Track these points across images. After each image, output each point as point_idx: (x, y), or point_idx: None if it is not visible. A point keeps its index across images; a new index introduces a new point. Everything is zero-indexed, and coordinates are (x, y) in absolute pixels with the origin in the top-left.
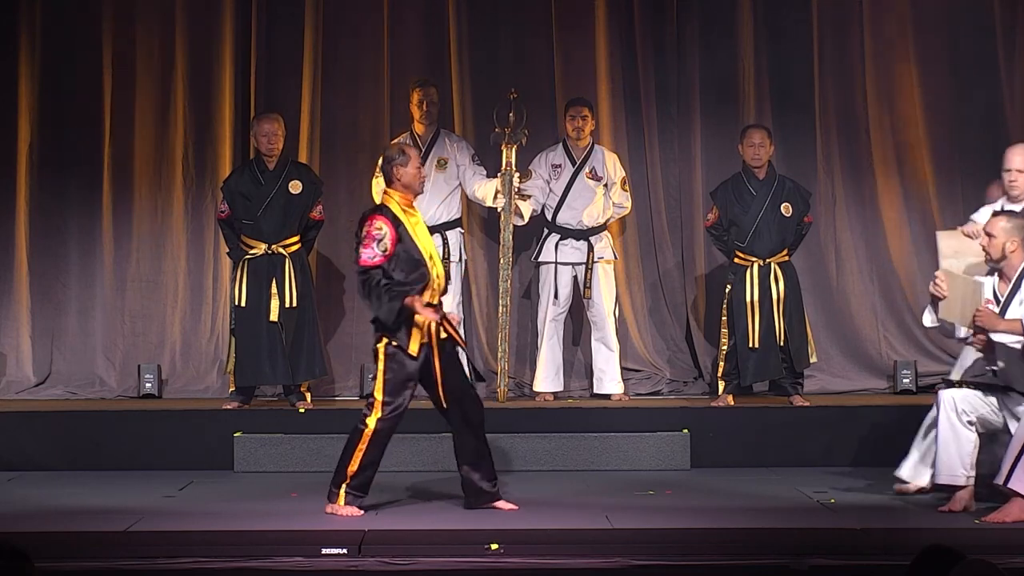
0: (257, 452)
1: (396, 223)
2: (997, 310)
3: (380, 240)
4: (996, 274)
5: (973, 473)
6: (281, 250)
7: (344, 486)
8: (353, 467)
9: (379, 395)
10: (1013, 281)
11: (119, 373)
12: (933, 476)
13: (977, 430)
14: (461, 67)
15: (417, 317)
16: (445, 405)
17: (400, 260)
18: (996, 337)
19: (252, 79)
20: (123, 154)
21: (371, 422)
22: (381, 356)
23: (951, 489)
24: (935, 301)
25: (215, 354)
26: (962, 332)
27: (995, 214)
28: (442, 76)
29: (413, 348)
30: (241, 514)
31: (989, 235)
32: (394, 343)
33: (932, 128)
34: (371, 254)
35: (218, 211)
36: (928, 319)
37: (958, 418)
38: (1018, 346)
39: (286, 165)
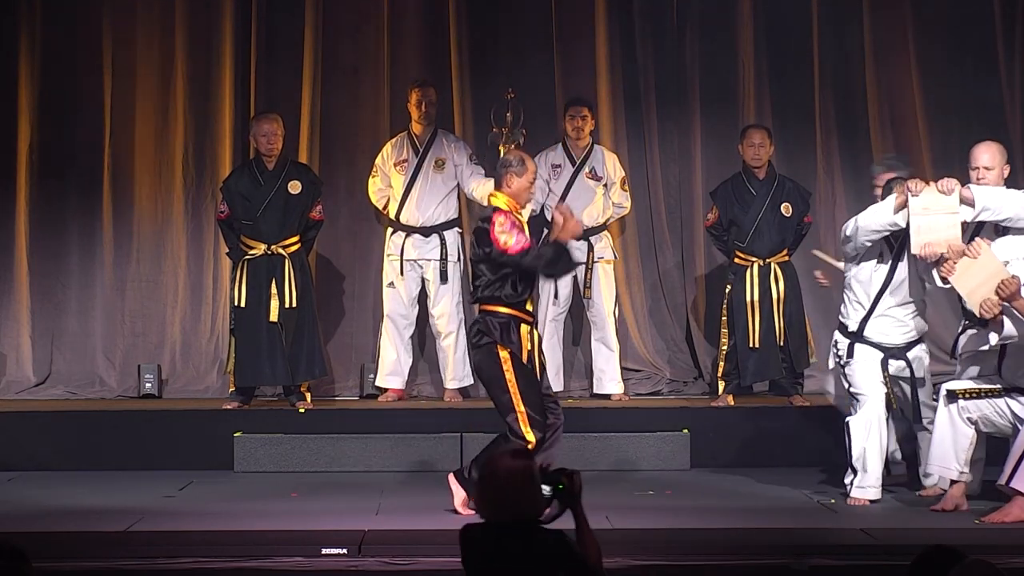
0: (257, 452)
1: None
2: None
3: (516, 226)
4: None
5: (967, 470)
6: (281, 250)
7: None
8: None
9: (521, 407)
10: None
11: (119, 373)
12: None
13: (979, 428)
14: (460, 67)
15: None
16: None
17: None
18: (1008, 314)
19: (252, 79)
20: (123, 154)
21: (530, 436)
22: (507, 361)
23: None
24: (938, 264)
25: (215, 354)
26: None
27: None
28: (441, 76)
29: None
30: (241, 514)
31: None
32: (509, 348)
33: (932, 127)
34: (520, 239)
35: (217, 211)
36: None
37: (959, 414)
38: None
39: (285, 165)
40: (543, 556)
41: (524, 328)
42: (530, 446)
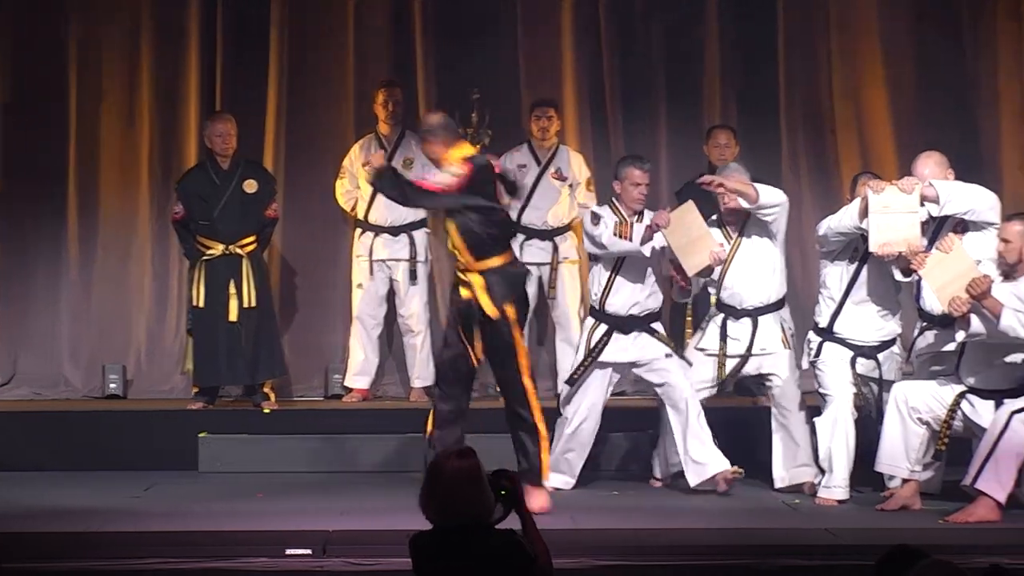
0: (222, 452)
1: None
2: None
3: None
4: (1002, 276)
5: (918, 469)
6: (238, 250)
7: None
8: None
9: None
10: None
11: (84, 373)
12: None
13: (931, 428)
14: (426, 67)
15: None
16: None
17: None
18: (976, 312)
19: (218, 80)
20: (89, 155)
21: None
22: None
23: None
24: (897, 262)
25: (180, 354)
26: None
27: (1009, 218)
28: (407, 77)
29: None
30: (206, 514)
31: (1005, 240)
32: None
33: (899, 126)
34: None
35: (173, 212)
36: (898, 275)
37: (909, 415)
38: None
39: (240, 165)
40: (496, 558)
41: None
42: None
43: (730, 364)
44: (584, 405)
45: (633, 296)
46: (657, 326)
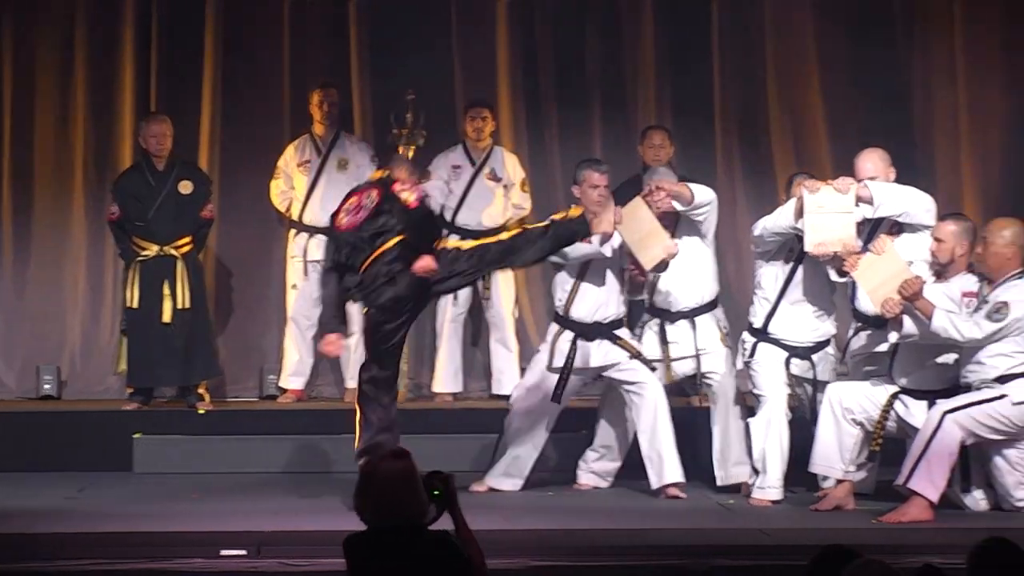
0: (157, 453)
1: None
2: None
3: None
4: (935, 276)
5: (852, 469)
6: (173, 251)
7: None
8: None
9: None
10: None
11: (18, 374)
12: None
13: (864, 429)
14: (361, 68)
15: None
16: None
17: None
18: (909, 313)
19: (153, 80)
20: (23, 157)
21: None
22: None
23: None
24: (832, 262)
25: (115, 355)
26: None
27: (943, 218)
28: (342, 77)
29: None
30: (141, 515)
31: (938, 240)
32: None
33: (833, 128)
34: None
35: (109, 213)
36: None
37: (842, 416)
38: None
39: (175, 165)
40: (430, 559)
41: None
42: None
43: (677, 367)
44: (539, 409)
45: (598, 303)
46: (623, 332)
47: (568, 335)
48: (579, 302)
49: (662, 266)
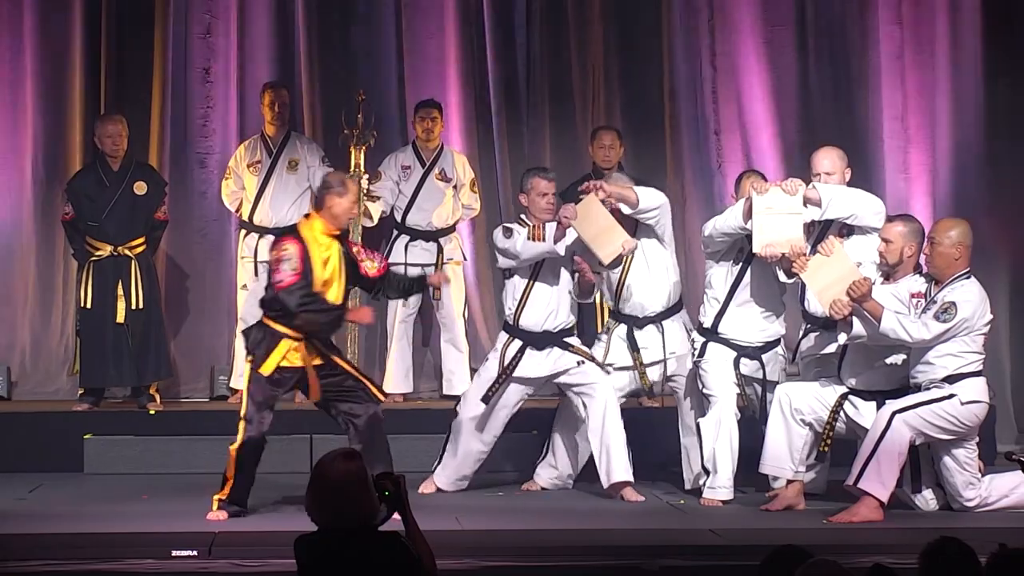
0: (107, 454)
1: (304, 246)
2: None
3: (288, 260)
4: (883, 277)
5: (802, 470)
6: (127, 252)
7: None
8: None
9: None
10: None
11: None
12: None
13: (814, 429)
14: (311, 69)
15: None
16: None
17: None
18: (857, 315)
19: (102, 80)
20: None
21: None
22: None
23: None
24: (780, 263)
25: (65, 356)
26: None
27: (891, 218)
28: (291, 78)
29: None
30: (91, 516)
31: (886, 240)
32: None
33: (783, 128)
34: (279, 277)
35: (63, 213)
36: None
37: (792, 416)
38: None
39: (130, 166)
40: (381, 560)
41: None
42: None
43: (651, 372)
44: (486, 413)
45: (548, 310)
46: (573, 340)
47: (516, 344)
48: (529, 310)
49: (618, 262)
